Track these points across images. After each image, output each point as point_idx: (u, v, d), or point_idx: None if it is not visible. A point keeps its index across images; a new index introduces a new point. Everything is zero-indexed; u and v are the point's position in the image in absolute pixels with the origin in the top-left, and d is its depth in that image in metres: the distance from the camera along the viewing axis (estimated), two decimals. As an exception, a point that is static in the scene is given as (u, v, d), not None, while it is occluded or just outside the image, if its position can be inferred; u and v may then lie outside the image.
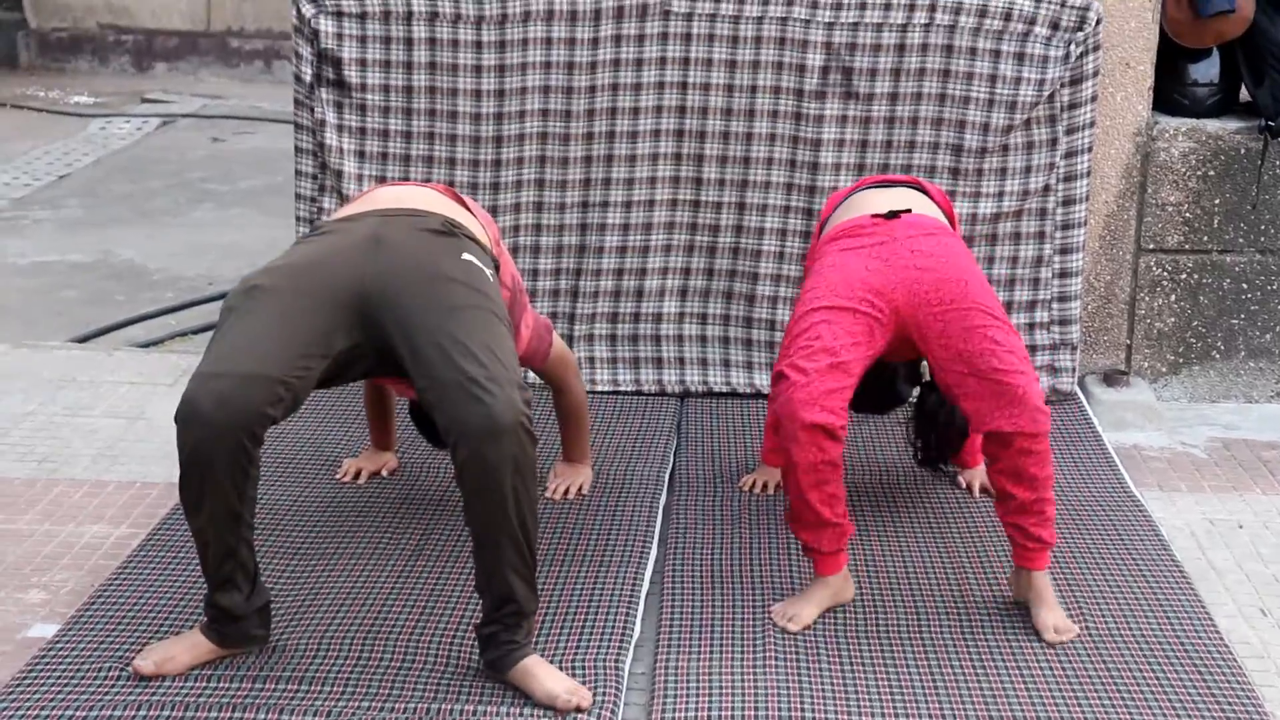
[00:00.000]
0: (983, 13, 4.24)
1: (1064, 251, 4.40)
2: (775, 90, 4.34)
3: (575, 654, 3.01)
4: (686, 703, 2.87)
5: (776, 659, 3.03)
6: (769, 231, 4.40)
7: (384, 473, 3.86)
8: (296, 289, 2.91)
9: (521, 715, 2.79)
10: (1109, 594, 3.34)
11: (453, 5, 4.26)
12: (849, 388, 3.12)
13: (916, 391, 3.74)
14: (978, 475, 3.86)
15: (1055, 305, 4.44)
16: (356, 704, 2.82)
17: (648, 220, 4.42)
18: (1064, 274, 4.41)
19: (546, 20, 4.29)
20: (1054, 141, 4.30)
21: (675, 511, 3.72)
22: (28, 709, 2.78)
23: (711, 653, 3.05)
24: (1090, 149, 4.32)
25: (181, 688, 2.85)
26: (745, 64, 4.32)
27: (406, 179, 4.37)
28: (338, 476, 3.83)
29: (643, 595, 3.31)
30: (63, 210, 7.19)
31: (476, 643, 2.93)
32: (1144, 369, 4.64)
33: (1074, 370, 4.47)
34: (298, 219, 4.46)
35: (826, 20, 4.27)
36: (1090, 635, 3.15)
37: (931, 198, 3.55)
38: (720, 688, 2.92)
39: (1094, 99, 4.28)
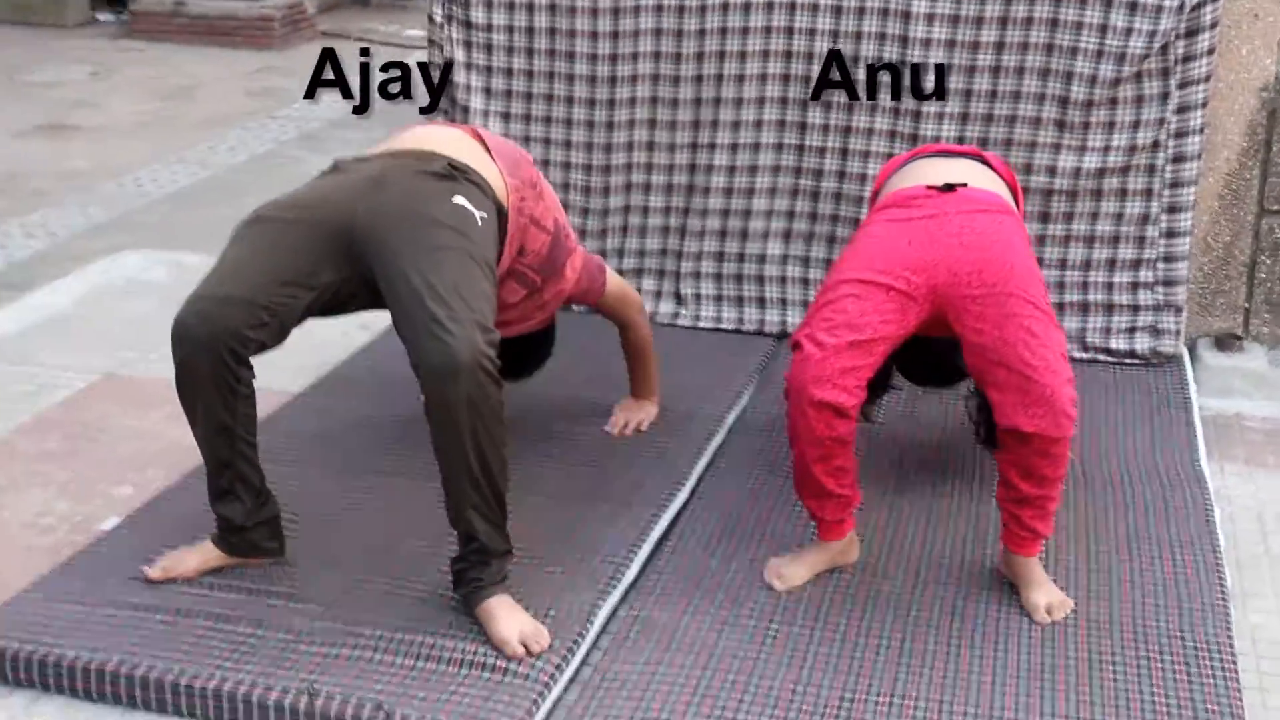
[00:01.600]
0: (1096, -40, 3.74)
1: (1172, 210, 3.84)
2: (880, 37, 3.91)
3: (555, 596, 2.79)
4: (639, 654, 2.63)
5: (752, 617, 2.75)
6: (871, 179, 4.01)
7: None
8: (293, 220, 2.80)
9: (477, 654, 2.61)
10: (1126, 574, 2.91)
11: (572, -53, 4.03)
12: (869, 367, 2.73)
13: None
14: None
15: (1161, 265, 3.89)
16: (328, 623, 2.67)
17: (753, 163, 4.08)
18: (1171, 233, 3.86)
19: (660, -37, 4.00)
20: (1165, 96, 3.74)
21: (728, 454, 3.44)
22: (44, 599, 2.75)
23: (689, 605, 2.79)
24: (1205, 104, 3.74)
25: (181, 594, 2.77)
26: (850, 9, 3.92)
27: (528, 116, 4.18)
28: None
29: (651, 540, 3.06)
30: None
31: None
32: (1261, 335, 4.04)
33: (1178, 333, 3.93)
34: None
35: (934, -34, 3.84)
36: (1087, 618, 2.77)
37: (994, 170, 3.12)
38: (680, 642, 2.66)
39: (1211, 52, 3.70)
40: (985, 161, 3.10)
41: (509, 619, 2.66)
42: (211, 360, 2.69)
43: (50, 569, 2.90)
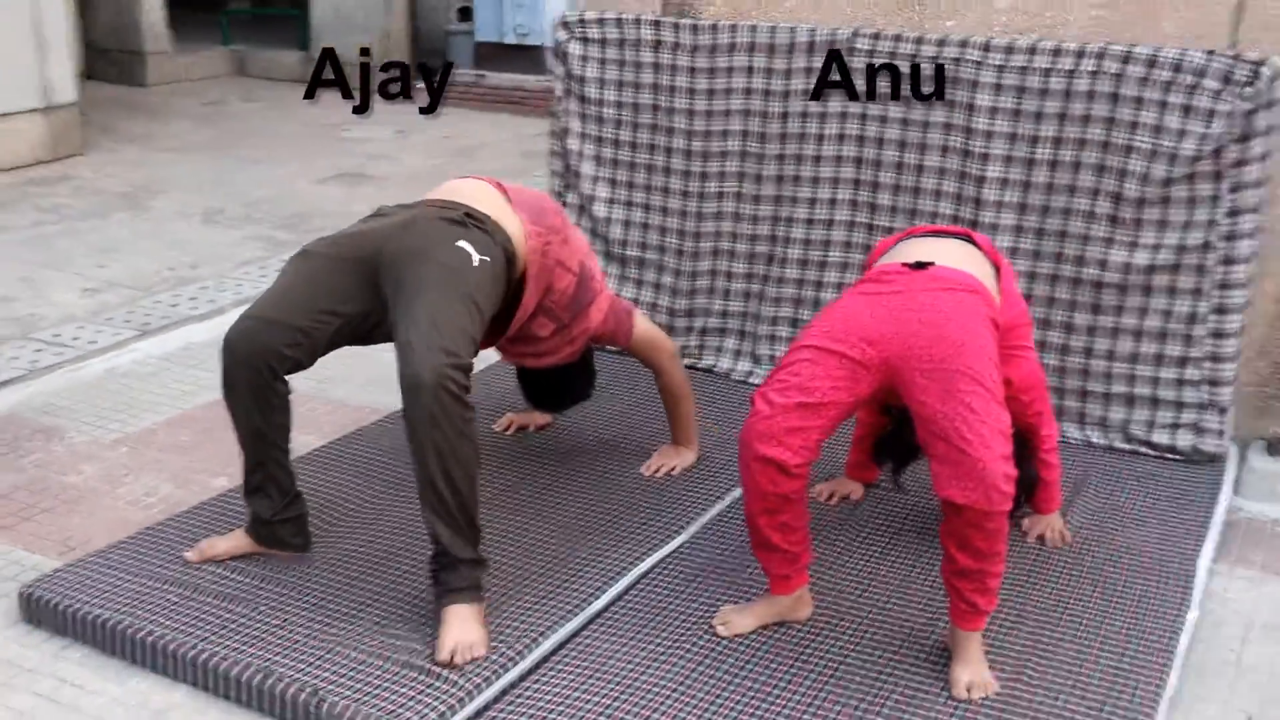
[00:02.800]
0: (1151, 63, 3.51)
1: (1220, 311, 3.57)
2: (945, 127, 3.81)
3: (519, 615, 2.86)
4: (564, 678, 2.66)
5: (683, 658, 2.73)
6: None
7: (531, 427, 3.84)
8: (332, 256, 2.99)
9: (420, 656, 2.70)
10: (1069, 660, 2.75)
11: (672, 34, 4.07)
12: (816, 429, 2.67)
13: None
14: (1048, 523, 3.28)
15: (1207, 364, 3.61)
16: (310, 614, 2.82)
17: (826, 238, 4.03)
18: (1219, 334, 3.59)
19: (749, 51, 3.99)
20: (1216, 198, 3.49)
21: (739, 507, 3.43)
22: (100, 565, 2.99)
23: (630, 639, 2.79)
24: (1256, 209, 3.48)
25: (205, 573, 2.97)
26: (916, 121, 3.82)
27: (630, 184, 4.26)
28: (494, 426, 3.84)
29: (629, 576, 3.05)
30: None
31: None
32: (1317, 441, 3.72)
33: (1222, 432, 3.64)
34: (547, 209, 4.46)
35: (997, 63, 3.69)
36: (1005, 702, 2.62)
37: (981, 249, 3.00)
38: (605, 672, 2.67)
39: (1264, 157, 3.43)
40: (973, 241, 2.99)
41: (456, 628, 2.73)
42: (250, 373, 2.89)
43: (118, 540, 3.15)
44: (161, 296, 6.69)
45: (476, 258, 2.92)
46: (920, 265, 2.81)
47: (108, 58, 11.95)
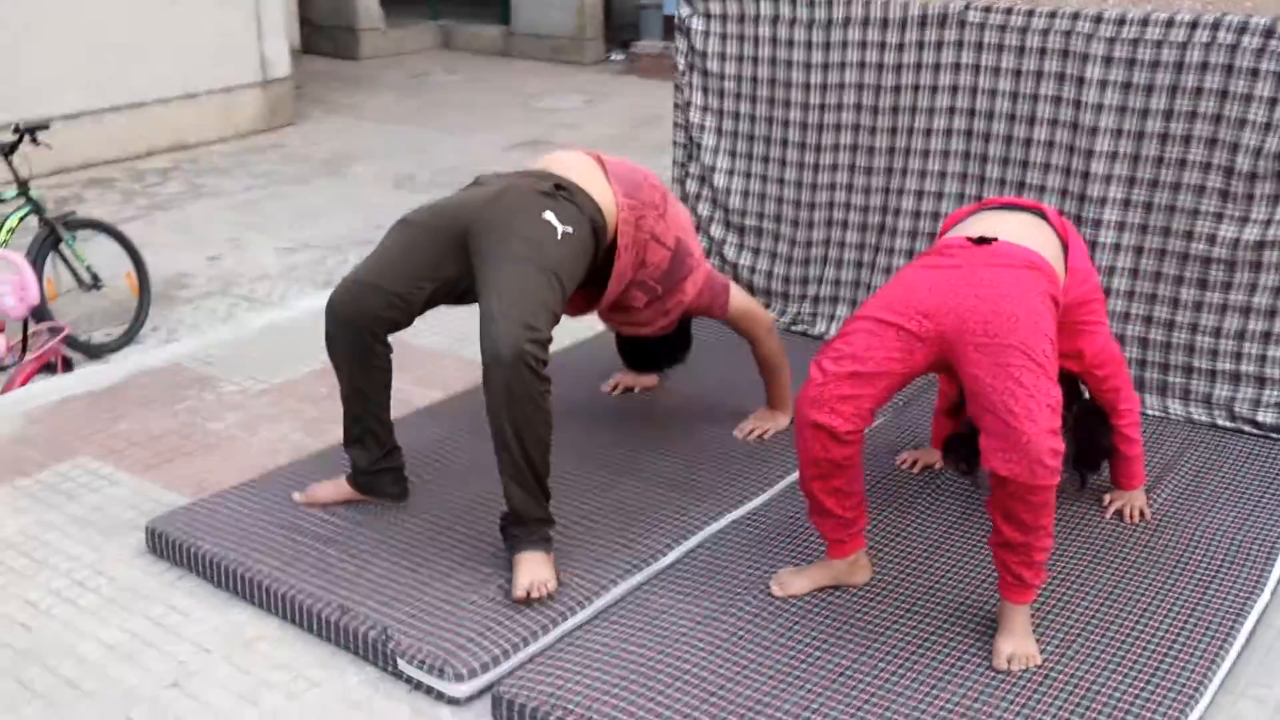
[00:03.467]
0: (1269, 33, 3.29)
1: (1333, 289, 3.36)
2: (1055, 100, 3.65)
3: (589, 567, 2.92)
4: (610, 631, 2.70)
5: (734, 619, 2.73)
6: (1040, 232, 3.77)
7: (637, 389, 3.88)
8: (429, 225, 3.06)
9: (487, 603, 2.79)
10: (1123, 635, 2.65)
11: (790, 9, 4.02)
12: (869, 397, 2.63)
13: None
14: (1129, 499, 3.16)
15: (1318, 342, 3.41)
16: (392, 559, 2.93)
17: (935, 209, 3.93)
18: (1331, 312, 3.38)
19: (863, 26, 3.91)
20: (1331, 173, 3.28)
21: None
22: (220, 504, 3.17)
23: (686, 595, 2.81)
24: (1375, 185, 3.24)
25: (307, 518, 3.11)
26: (1029, 73, 3.68)
27: (750, 155, 4.24)
28: (602, 387, 3.90)
29: (696, 538, 3.07)
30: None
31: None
32: None
33: (1334, 411, 3.43)
34: (672, 179, 4.46)
35: (1108, 35, 3.51)
36: (1046, 675, 2.55)
37: (1050, 224, 2.89)
38: (655, 625, 2.71)
39: (1383, 131, 3.20)
40: (1045, 216, 2.88)
41: (531, 569, 2.81)
42: (351, 333, 3.02)
43: (240, 482, 3.35)
44: (347, 255, 6.99)
45: (560, 230, 2.97)
46: (983, 240, 2.73)
47: (324, 33, 12.46)
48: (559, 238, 2.95)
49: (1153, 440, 3.53)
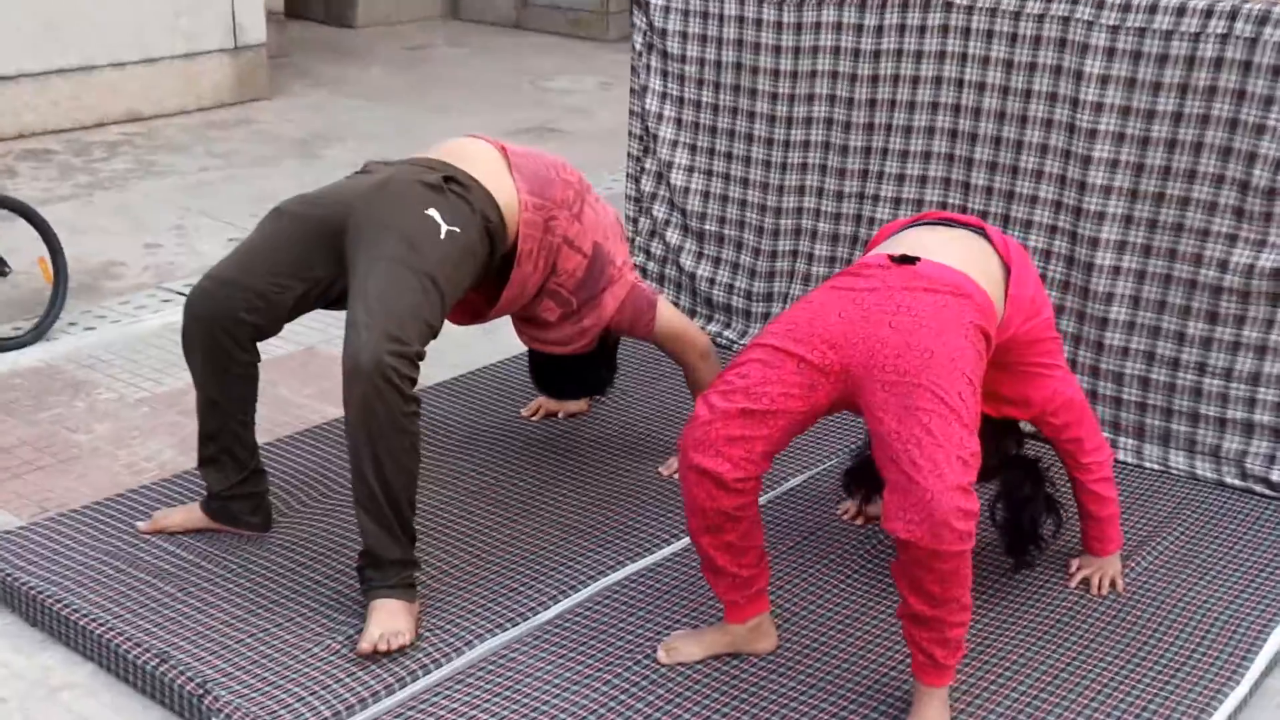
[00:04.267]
0: (1292, 27, 3.20)
1: (1363, 329, 3.24)
2: (1051, 98, 3.56)
3: (456, 619, 2.86)
4: (460, 695, 2.63)
5: (607, 687, 2.67)
6: (1031, 251, 3.66)
7: (561, 414, 3.83)
8: (303, 216, 3.03)
9: (330, 656, 2.73)
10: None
11: (759, -16, 3.98)
12: (761, 439, 2.55)
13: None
14: (1099, 566, 3.06)
15: (1345, 392, 3.29)
16: (232, 600, 2.89)
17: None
18: (1360, 357, 3.25)
19: (838, 6, 3.84)
20: (1360, 193, 3.17)
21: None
22: (52, 527, 3.14)
23: (556, 658, 2.75)
24: None
25: (148, 549, 3.08)
26: (1022, 65, 3.59)
27: (712, 151, 4.18)
28: (522, 411, 3.85)
29: (587, 591, 3.00)
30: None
31: None
32: None
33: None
34: (627, 175, 4.41)
35: (1111, 23, 3.41)
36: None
37: (991, 244, 2.80)
38: (516, 694, 2.64)
39: None
40: (986, 235, 2.80)
41: (382, 619, 2.77)
42: (205, 334, 2.99)
43: (82, 505, 3.33)
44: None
45: (444, 229, 2.92)
46: (905, 260, 2.65)
47: (318, -4, 12.50)
48: (441, 237, 2.91)
49: (1146, 497, 3.43)
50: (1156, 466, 3.56)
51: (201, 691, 2.63)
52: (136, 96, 9.29)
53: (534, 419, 3.81)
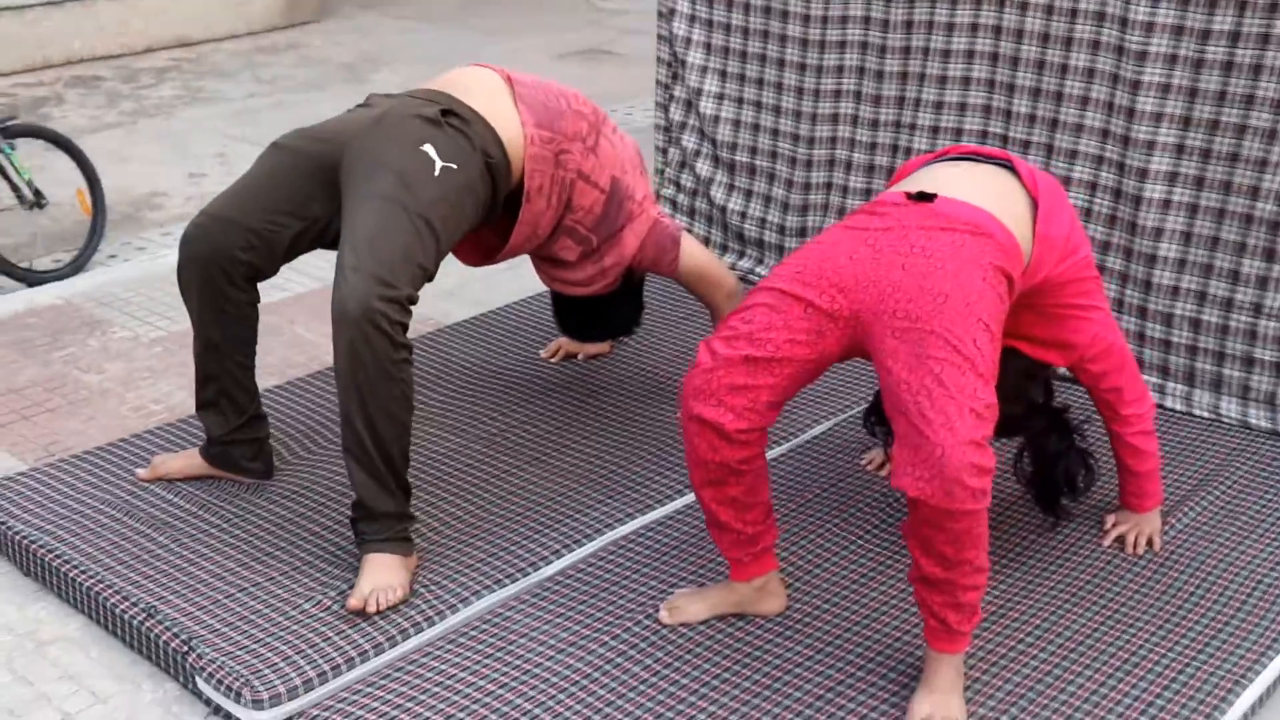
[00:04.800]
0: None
1: None
2: (1093, 45, 3.34)
3: (454, 574, 2.77)
4: (452, 656, 2.54)
5: (604, 648, 2.56)
6: (1075, 184, 3.44)
7: (581, 355, 3.71)
8: (300, 152, 2.93)
9: (321, 611, 2.66)
10: (1084, 708, 2.42)
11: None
12: (766, 388, 2.40)
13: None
14: (1136, 523, 2.90)
15: None
16: (224, 552, 2.82)
17: (954, 150, 3.67)
18: None
19: (874, -75, 3.65)
20: None
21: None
22: (51, 474, 3.11)
23: (551, 618, 2.64)
24: None
25: (145, 497, 3.02)
26: (1063, 9, 3.38)
27: (742, 77, 4.00)
28: (541, 353, 3.74)
29: (602, 540, 2.91)
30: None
31: None
32: None
33: None
34: (655, 103, 4.24)
35: (1163, -63, 3.21)
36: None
37: (1020, 179, 2.63)
38: (509, 655, 2.54)
39: None
40: (1014, 169, 2.62)
41: (374, 574, 2.69)
42: (200, 273, 2.90)
43: (83, 450, 3.27)
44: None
45: (440, 165, 2.80)
46: (922, 196, 2.48)
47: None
48: (436, 174, 2.79)
49: (1194, 447, 3.25)
50: (1207, 414, 3.37)
51: (186, 649, 2.56)
52: (186, 21, 9.23)
53: (553, 360, 3.69)
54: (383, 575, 2.69)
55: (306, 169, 2.90)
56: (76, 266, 5.90)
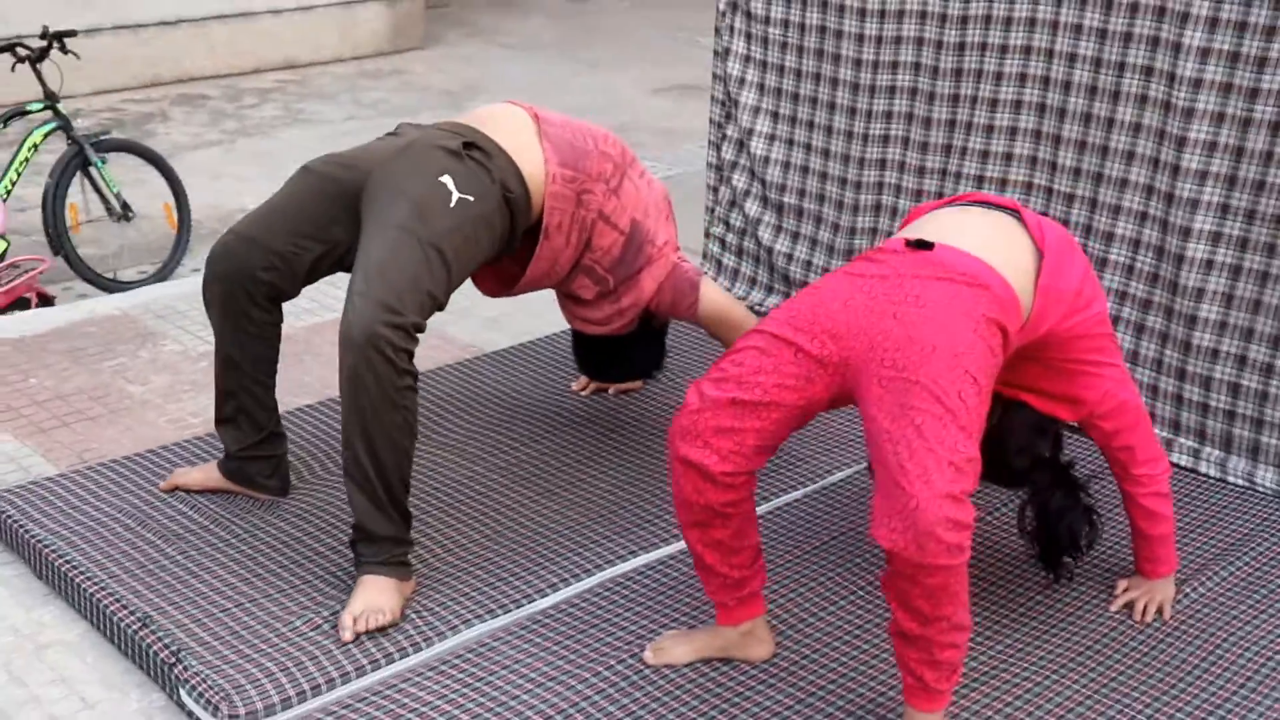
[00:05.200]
0: None
1: None
2: (1146, 71, 3.27)
3: (450, 601, 2.78)
4: (427, 684, 2.54)
5: (583, 685, 2.55)
6: (1119, 239, 3.39)
7: (612, 390, 3.70)
8: (327, 176, 2.97)
9: (312, 631, 2.68)
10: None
11: (847, -57, 3.75)
12: (753, 432, 2.38)
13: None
14: (1148, 590, 2.82)
15: None
16: (228, 568, 2.86)
17: (998, 199, 3.61)
18: None
19: (926, -33, 3.61)
20: None
21: (773, 521, 3.14)
22: (82, 481, 3.16)
23: (541, 651, 2.64)
24: None
25: (161, 508, 3.07)
26: (1117, 35, 3.30)
27: (794, 119, 3.98)
28: (572, 386, 3.74)
29: (601, 576, 2.89)
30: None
31: None
32: None
33: None
34: (709, 142, 4.23)
35: (1213, -9, 3.13)
36: None
37: (1027, 229, 2.58)
38: (485, 687, 2.54)
39: None
40: (1021, 219, 2.57)
41: (367, 595, 2.71)
42: (223, 291, 2.96)
43: (109, 459, 3.34)
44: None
45: (456, 196, 2.82)
46: (921, 244, 2.45)
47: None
48: (452, 205, 2.81)
49: (1224, 515, 3.16)
50: (1241, 481, 3.27)
51: (174, 660, 2.59)
52: (294, 44, 9.44)
53: (584, 393, 3.69)
54: (375, 598, 2.71)
55: (331, 193, 2.94)
56: (160, 278, 6.06)
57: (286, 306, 3.06)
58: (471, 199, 2.83)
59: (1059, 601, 2.82)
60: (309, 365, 3.97)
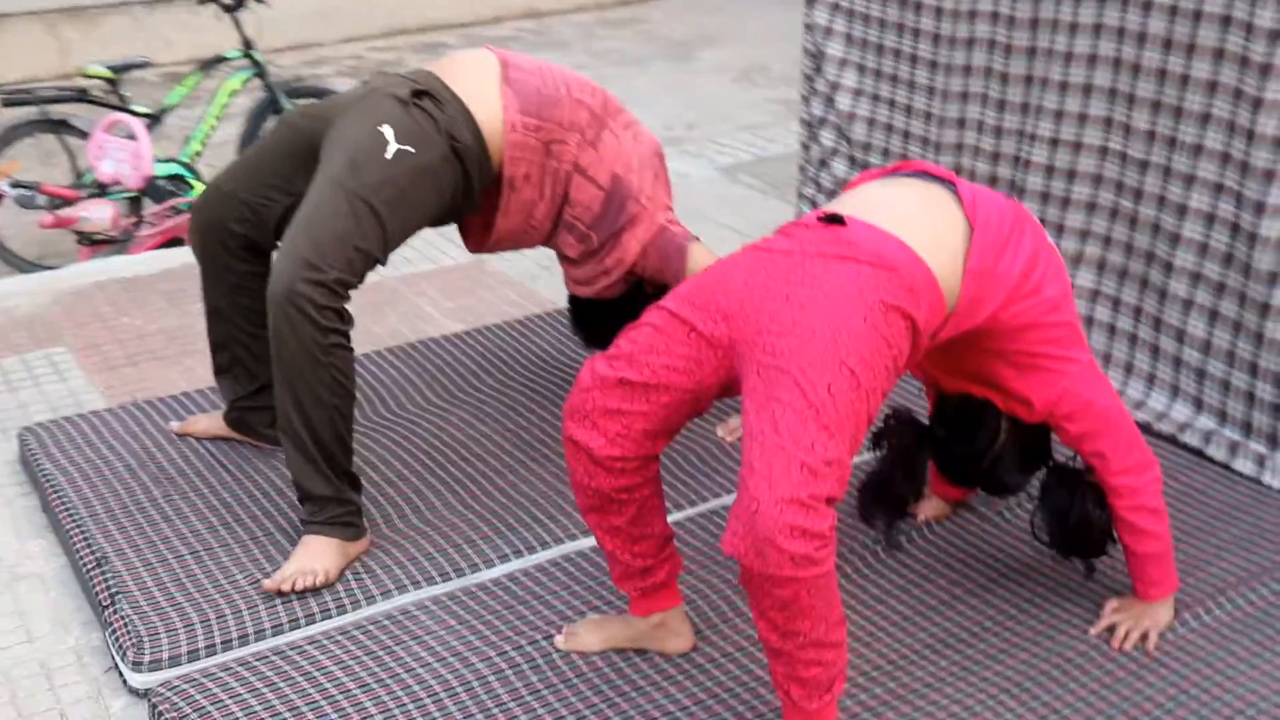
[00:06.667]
0: None
1: None
2: (1217, 54, 2.85)
3: (383, 567, 2.71)
4: (331, 647, 2.47)
5: (483, 663, 2.44)
6: (1192, 213, 2.98)
7: None
8: (299, 128, 2.92)
9: (246, 586, 2.67)
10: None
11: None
12: (640, 415, 2.19)
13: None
14: (1135, 616, 2.48)
15: None
16: (210, 515, 2.87)
17: (1071, 167, 3.20)
18: None
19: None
20: None
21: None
22: (102, 421, 3.25)
23: (455, 626, 2.53)
24: None
25: (168, 451, 3.12)
26: (1187, 13, 2.89)
27: (878, 72, 3.67)
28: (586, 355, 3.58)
29: (553, 551, 2.77)
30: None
31: None
32: None
33: None
34: (800, 95, 3.95)
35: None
36: None
37: (961, 204, 2.27)
38: (391, 654, 2.46)
39: None
40: (956, 191, 2.26)
41: (303, 556, 2.68)
42: (202, 242, 2.97)
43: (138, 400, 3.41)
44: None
45: (393, 147, 2.71)
46: (833, 220, 2.19)
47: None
48: (388, 156, 2.70)
49: (1268, 533, 2.75)
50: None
51: (109, 601, 2.62)
52: (538, -9, 9.42)
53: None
54: (309, 559, 2.66)
55: (297, 144, 2.88)
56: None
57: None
58: (410, 149, 2.71)
59: (1027, 620, 2.51)
60: (385, 314, 3.96)
